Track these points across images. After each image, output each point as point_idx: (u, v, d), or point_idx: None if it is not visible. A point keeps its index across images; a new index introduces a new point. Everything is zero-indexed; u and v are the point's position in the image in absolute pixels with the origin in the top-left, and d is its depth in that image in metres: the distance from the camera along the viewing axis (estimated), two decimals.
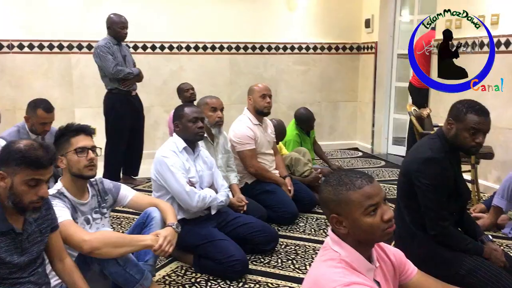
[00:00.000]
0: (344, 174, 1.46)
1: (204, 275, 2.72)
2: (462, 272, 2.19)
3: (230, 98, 5.99)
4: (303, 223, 3.60)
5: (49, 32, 5.41)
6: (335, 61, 6.45)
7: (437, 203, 2.21)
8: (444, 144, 2.29)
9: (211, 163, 3.02)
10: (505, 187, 3.25)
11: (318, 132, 5.80)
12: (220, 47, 6.00)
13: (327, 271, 1.40)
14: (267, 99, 3.71)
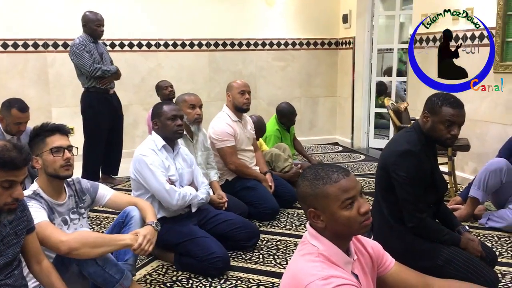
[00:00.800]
0: (321, 168, 1.46)
1: (186, 273, 2.71)
2: (440, 262, 2.22)
3: (209, 95, 5.97)
4: (284, 218, 3.61)
5: (24, 30, 5.31)
6: (314, 56, 6.47)
7: (414, 195, 2.24)
8: (420, 137, 2.31)
9: (191, 161, 3.01)
10: (481, 178, 3.31)
11: (298, 128, 5.82)
12: (198, 44, 5.97)
13: (305, 265, 1.40)
14: (246, 96, 3.71)
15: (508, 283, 2.54)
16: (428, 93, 2.39)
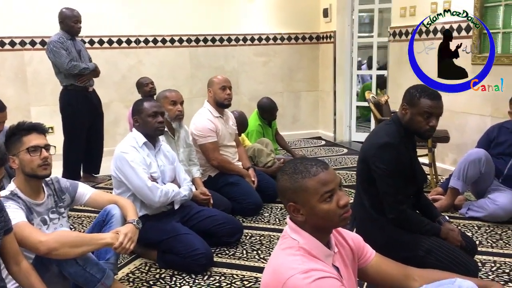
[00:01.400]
0: (300, 162, 1.47)
1: (169, 270, 2.69)
2: (421, 253, 2.25)
3: (191, 92, 5.94)
4: (268, 213, 3.62)
5: (0, 28, 5.20)
6: (295, 51, 6.48)
7: (394, 187, 2.26)
8: (399, 129, 2.34)
9: (173, 158, 2.99)
10: (460, 169, 3.35)
11: (280, 122, 5.83)
12: (179, 40, 5.92)
13: (286, 259, 1.41)
14: (227, 91, 3.69)
15: (488, 271, 2.58)
16: (408, 86, 2.41)
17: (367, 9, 6.00)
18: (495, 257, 2.76)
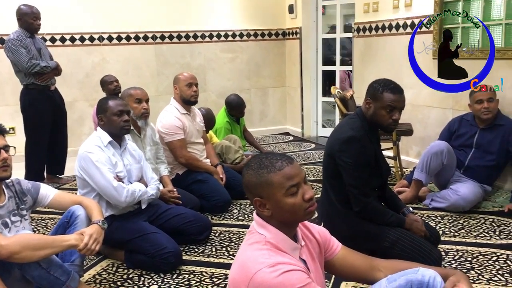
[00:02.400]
0: (265, 157, 1.47)
1: (137, 270, 2.66)
2: (387, 244, 2.30)
3: (158, 89, 5.87)
4: (237, 210, 3.62)
5: None
6: (262, 47, 6.48)
7: (359, 180, 2.30)
8: (363, 123, 2.37)
9: (139, 156, 2.95)
10: (423, 161, 3.44)
11: (248, 119, 5.84)
12: (144, 37, 5.84)
13: (253, 254, 1.41)
14: (194, 88, 3.67)
15: (451, 260, 2.66)
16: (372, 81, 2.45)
17: (331, 5, 6.04)
18: (457, 246, 2.84)
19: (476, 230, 3.06)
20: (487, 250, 2.76)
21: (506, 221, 3.18)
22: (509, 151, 3.40)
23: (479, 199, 3.42)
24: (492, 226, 3.11)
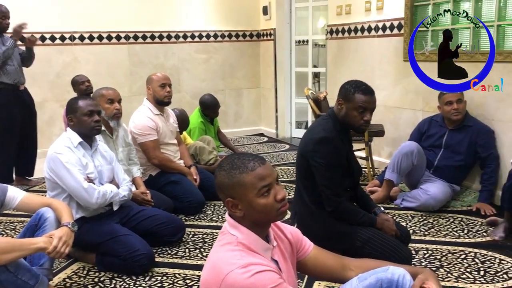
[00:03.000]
0: (237, 158, 1.47)
1: (109, 273, 2.62)
2: (358, 243, 2.33)
3: (131, 90, 5.81)
4: (211, 211, 3.60)
5: None
6: (236, 48, 6.49)
7: (332, 180, 2.32)
8: (335, 124, 2.40)
9: (111, 157, 2.90)
10: (394, 161, 3.50)
11: (223, 120, 5.83)
12: (117, 37, 5.76)
13: (224, 255, 1.41)
14: (167, 88, 3.64)
15: (421, 258, 2.71)
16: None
17: (303, 7, 6.08)
18: (427, 244, 2.90)
19: (445, 229, 3.13)
20: (455, 249, 2.82)
21: (474, 220, 3.26)
22: (476, 151, 3.50)
23: (448, 199, 3.50)
24: (460, 225, 3.18)
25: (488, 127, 3.53)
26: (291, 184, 4.07)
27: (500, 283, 2.40)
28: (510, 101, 3.39)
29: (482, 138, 3.48)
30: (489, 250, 2.78)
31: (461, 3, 3.76)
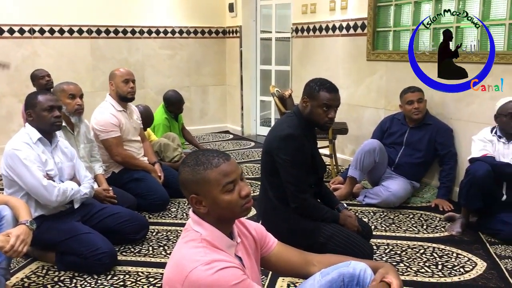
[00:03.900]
0: (201, 154, 1.46)
1: (69, 272, 2.56)
2: (322, 239, 2.36)
3: (93, 85, 5.68)
4: (175, 208, 3.57)
5: None
6: (202, 45, 6.44)
7: (296, 177, 2.34)
8: (300, 121, 2.42)
9: (72, 154, 2.83)
10: (357, 159, 3.56)
11: (188, 117, 5.79)
12: (79, 31, 5.62)
13: (188, 252, 1.40)
14: (131, 84, 3.58)
15: (382, 253, 2.77)
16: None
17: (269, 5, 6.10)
18: (388, 240, 2.97)
19: (405, 224, 3.21)
20: (415, 244, 2.90)
21: (433, 216, 3.36)
22: (436, 149, 3.61)
23: (409, 195, 3.60)
24: (420, 221, 3.28)
25: (447, 125, 3.64)
26: (257, 181, 4.08)
27: (457, 277, 2.48)
28: (468, 101, 3.51)
29: (441, 136, 3.59)
30: (446, 245, 2.87)
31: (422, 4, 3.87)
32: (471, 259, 2.68)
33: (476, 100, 3.45)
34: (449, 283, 2.42)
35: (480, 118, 3.40)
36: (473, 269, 2.56)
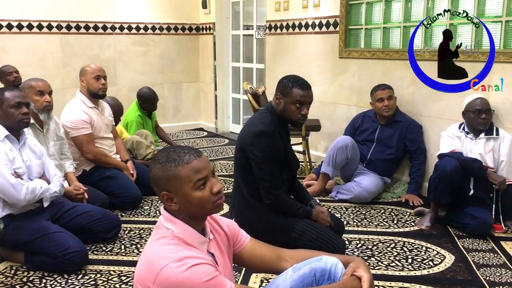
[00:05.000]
0: (172, 150, 1.45)
1: (38, 272, 2.51)
2: (295, 235, 2.38)
3: (64, 82, 5.57)
4: (148, 206, 3.54)
5: None
6: (175, 42, 6.39)
7: (270, 173, 2.35)
8: (273, 118, 2.43)
9: (41, 152, 2.77)
10: (330, 155, 3.60)
11: (162, 114, 5.74)
12: (48, 26, 5.49)
13: (159, 249, 1.39)
14: (102, 81, 3.53)
15: (354, 248, 2.81)
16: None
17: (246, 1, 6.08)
18: (360, 234, 3.01)
19: (376, 219, 3.27)
20: (386, 238, 2.96)
21: (403, 211, 3.43)
22: (406, 145, 3.68)
23: (380, 191, 3.66)
24: (391, 216, 3.34)
25: (416, 122, 3.71)
26: (231, 178, 4.08)
27: (426, 270, 2.54)
28: (436, 98, 3.59)
29: (411, 132, 3.66)
30: (416, 239, 2.93)
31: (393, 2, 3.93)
32: (440, 253, 2.74)
33: (444, 97, 3.53)
34: (419, 276, 2.47)
35: (448, 115, 3.48)
36: (442, 262, 2.62)
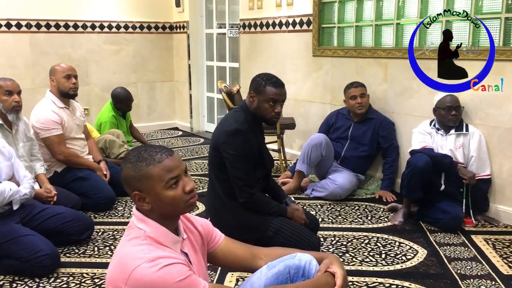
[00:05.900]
0: (144, 150, 1.44)
1: (8, 276, 2.45)
2: (270, 233, 2.38)
3: (34, 81, 5.44)
4: (122, 207, 3.50)
5: None
6: (148, 40, 6.32)
7: (244, 171, 2.35)
8: (247, 116, 2.43)
9: (10, 153, 2.70)
10: (304, 153, 3.62)
11: (136, 114, 5.67)
12: (17, 25, 5.36)
13: (131, 250, 1.37)
14: (73, 80, 3.46)
15: (329, 245, 2.84)
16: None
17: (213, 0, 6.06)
18: (334, 231, 3.04)
19: (351, 216, 3.30)
20: (360, 234, 2.99)
21: (377, 207, 3.47)
22: (379, 142, 3.72)
23: (354, 187, 3.70)
24: (365, 212, 3.37)
25: (389, 119, 3.77)
26: (206, 177, 4.06)
27: (399, 265, 2.58)
28: (407, 95, 3.65)
29: (383, 129, 3.71)
30: (389, 235, 2.98)
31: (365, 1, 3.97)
32: (413, 247, 2.79)
33: (415, 95, 3.59)
34: (392, 271, 2.51)
35: (420, 112, 3.54)
36: (415, 257, 2.66)
